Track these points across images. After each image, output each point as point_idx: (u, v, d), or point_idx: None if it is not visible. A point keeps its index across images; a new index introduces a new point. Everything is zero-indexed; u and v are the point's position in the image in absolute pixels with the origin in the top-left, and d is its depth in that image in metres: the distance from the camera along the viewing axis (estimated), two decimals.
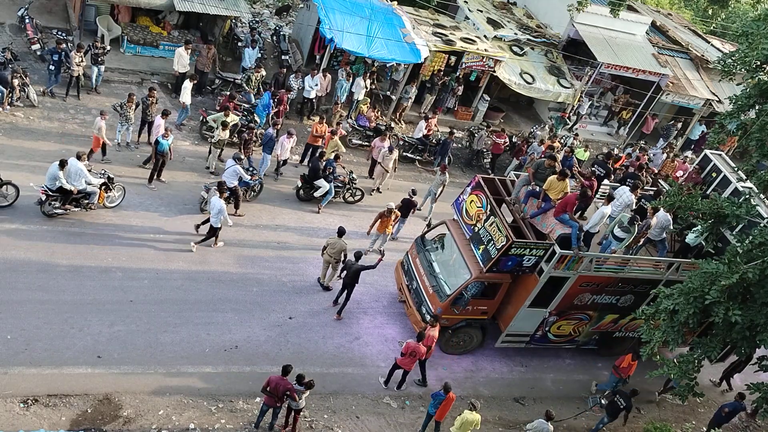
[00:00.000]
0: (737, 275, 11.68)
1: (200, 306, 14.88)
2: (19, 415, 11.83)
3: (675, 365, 13.29)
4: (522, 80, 24.37)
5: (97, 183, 15.74)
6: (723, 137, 15.81)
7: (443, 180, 19.25)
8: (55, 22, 21.69)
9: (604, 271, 15.17)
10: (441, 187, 19.39)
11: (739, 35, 14.38)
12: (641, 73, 25.92)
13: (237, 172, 17.09)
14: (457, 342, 15.99)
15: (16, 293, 13.67)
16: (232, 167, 17.06)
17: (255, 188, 18.38)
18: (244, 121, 19.81)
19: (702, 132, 27.38)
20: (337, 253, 15.71)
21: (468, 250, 15.24)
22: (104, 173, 16.06)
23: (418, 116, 23.65)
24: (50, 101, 19.07)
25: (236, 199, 17.39)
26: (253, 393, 13.47)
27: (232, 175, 17.04)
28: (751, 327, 12.57)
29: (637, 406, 16.59)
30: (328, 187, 18.72)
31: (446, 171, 19.35)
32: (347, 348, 15.32)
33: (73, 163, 15.25)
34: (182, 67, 20.45)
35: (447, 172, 19.38)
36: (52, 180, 15.11)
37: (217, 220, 15.90)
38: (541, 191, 15.36)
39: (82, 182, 15.36)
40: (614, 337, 17.02)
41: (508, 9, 28.03)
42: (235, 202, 17.42)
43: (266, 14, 27.53)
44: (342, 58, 23.11)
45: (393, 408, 14.50)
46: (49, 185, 15.14)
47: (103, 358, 13.15)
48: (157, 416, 12.65)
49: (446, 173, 19.30)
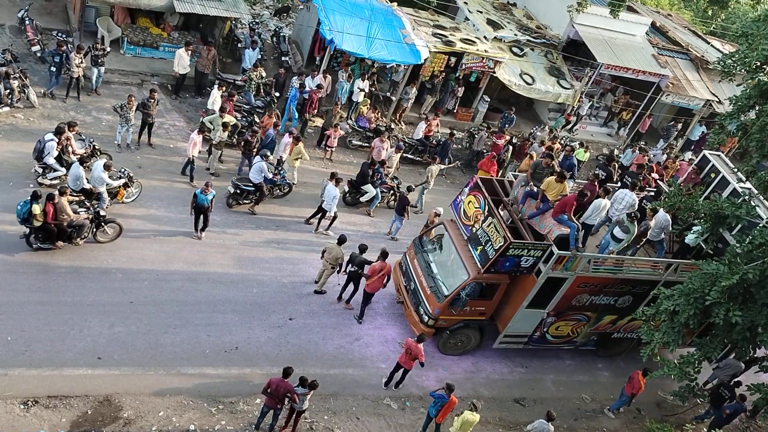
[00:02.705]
0: (737, 276, 11.69)
1: (200, 307, 14.88)
2: (20, 417, 11.83)
3: (675, 366, 13.30)
4: (522, 81, 24.38)
5: (118, 184, 15.97)
6: (723, 138, 15.84)
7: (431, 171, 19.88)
8: (55, 24, 21.71)
9: (603, 272, 15.17)
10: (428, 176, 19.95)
11: (739, 36, 14.39)
12: (641, 73, 25.94)
13: (262, 170, 17.45)
14: (455, 343, 15.98)
15: (16, 294, 13.67)
16: (259, 164, 17.47)
17: (282, 188, 18.66)
18: (245, 122, 19.84)
19: (702, 133, 27.39)
20: (333, 260, 15.73)
21: (466, 251, 15.25)
22: (124, 172, 16.31)
23: (419, 117, 23.66)
24: (50, 102, 19.08)
25: (259, 197, 17.76)
26: (253, 394, 13.47)
27: (258, 171, 17.46)
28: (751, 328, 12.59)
29: (637, 407, 16.62)
30: (375, 192, 18.89)
31: (436, 163, 19.90)
32: (347, 349, 15.32)
33: (97, 166, 15.48)
34: (182, 69, 20.48)
35: (437, 165, 19.95)
36: (75, 180, 15.22)
37: (332, 206, 17.38)
38: (539, 192, 15.35)
39: (103, 186, 15.58)
40: (613, 338, 17.02)
41: (508, 10, 28.04)
42: (257, 199, 17.81)
43: (266, 15, 27.55)
44: (342, 59, 23.12)
45: (393, 409, 14.50)
46: (72, 186, 15.24)
47: (103, 360, 13.15)
48: (157, 417, 12.64)
49: (436, 165, 19.87)
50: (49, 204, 14.06)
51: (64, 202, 14.24)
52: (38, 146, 15.72)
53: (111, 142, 18.11)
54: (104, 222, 15.25)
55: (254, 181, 17.56)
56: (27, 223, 14.15)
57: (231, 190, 17.61)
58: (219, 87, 19.59)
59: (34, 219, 13.98)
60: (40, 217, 13.99)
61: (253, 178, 17.58)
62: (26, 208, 13.98)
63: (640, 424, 16.28)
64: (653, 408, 17.01)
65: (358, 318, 15.96)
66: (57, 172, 16.02)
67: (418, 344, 14.02)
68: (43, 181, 15.96)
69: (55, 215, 14.17)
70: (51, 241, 14.59)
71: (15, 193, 15.74)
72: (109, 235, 15.52)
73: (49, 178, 16.05)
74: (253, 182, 17.57)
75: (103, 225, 15.27)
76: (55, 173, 16.05)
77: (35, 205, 13.88)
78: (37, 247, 14.61)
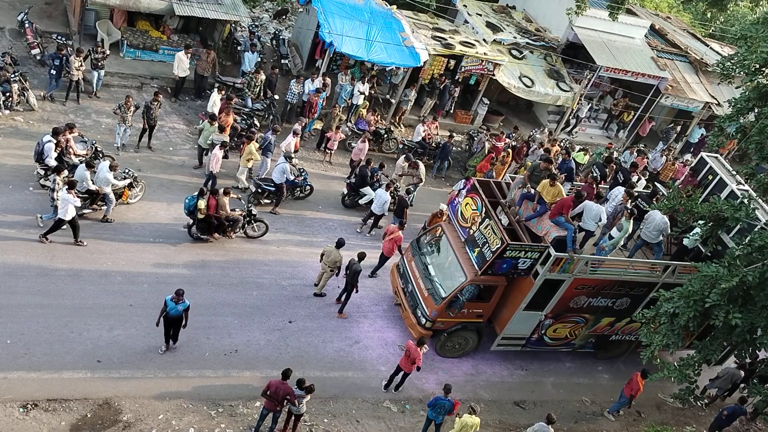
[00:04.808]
0: (737, 278, 11.70)
1: (200, 310, 14.84)
2: (19, 420, 11.82)
3: (675, 369, 13.30)
4: (521, 84, 24.40)
5: (123, 185, 16.08)
6: (722, 140, 15.85)
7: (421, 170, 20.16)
8: (54, 27, 21.72)
9: (600, 274, 15.17)
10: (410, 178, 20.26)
11: (738, 38, 14.42)
12: (640, 76, 25.96)
13: (285, 170, 17.63)
14: (452, 345, 15.97)
15: (15, 297, 13.66)
16: (282, 164, 17.66)
17: (304, 189, 18.81)
18: (244, 125, 19.84)
19: (701, 135, 27.41)
20: (331, 263, 15.73)
21: (463, 253, 15.25)
22: (129, 173, 16.47)
23: (418, 120, 23.68)
24: (50, 105, 19.09)
25: (278, 197, 17.91)
26: (253, 397, 13.46)
27: (281, 172, 17.66)
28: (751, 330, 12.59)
29: (637, 409, 16.61)
30: (374, 195, 18.96)
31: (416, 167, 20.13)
32: (347, 352, 15.31)
33: (103, 167, 15.61)
34: (182, 72, 20.51)
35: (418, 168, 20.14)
36: (80, 182, 15.33)
37: (382, 210, 18.14)
38: (536, 194, 15.35)
39: (108, 187, 15.72)
40: (611, 341, 17.01)
41: (507, 13, 28.06)
42: (277, 199, 18.00)
43: (266, 18, 27.58)
44: (341, 62, 23.15)
45: (393, 412, 14.48)
46: (77, 187, 15.29)
47: (102, 363, 13.14)
48: (156, 421, 12.63)
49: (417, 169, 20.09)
50: (212, 198, 15.83)
51: (224, 199, 16.07)
52: (37, 148, 15.79)
53: (111, 144, 18.09)
54: (254, 220, 16.92)
55: (276, 182, 17.79)
56: (192, 215, 15.92)
57: (252, 189, 17.86)
58: (218, 90, 19.60)
59: (198, 212, 15.72)
60: (203, 211, 15.72)
61: (275, 178, 17.81)
62: (193, 202, 15.80)
63: (640, 427, 16.27)
64: (653, 410, 16.99)
65: (369, 275, 16.97)
66: None
67: (418, 348, 14.01)
68: (45, 182, 15.98)
69: (216, 209, 15.95)
70: (209, 233, 16.34)
71: (14, 196, 15.78)
72: (257, 231, 17.13)
73: (50, 179, 16.05)
74: (275, 182, 17.78)
75: (253, 222, 16.96)
76: None
77: (201, 200, 15.64)
78: (197, 238, 16.36)
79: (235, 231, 16.71)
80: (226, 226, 16.38)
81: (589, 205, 15.35)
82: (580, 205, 15.32)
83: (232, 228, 16.56)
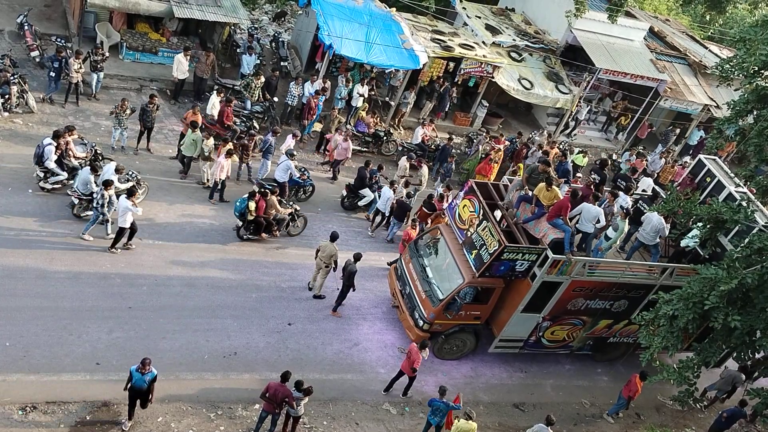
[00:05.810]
0: (736, 280, 11.72)
1: (199, 312, 14.87)
2: (18, 422, 11.81)
3: (674, 371, 13.31)
4: (520, 86, 24.43)
5: (127, 187, 15.97)
6: (721, 142, 15.87)
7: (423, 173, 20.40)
8: (54, 29, 21.72)
9: (598, 276, 15.17)
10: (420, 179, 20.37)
11: (737, 41, 14.45)
12: (639, 78, 25.98)
13: (289, 168, 17.64)
14: (450, 347, 15.96)
15: (14, 300, 13.65)
16: (285, 162, 17.69)
17: (306, 189, 18.85)
18: (243, 127, 19.84)
19: (700, 137, 27.43)
20: (327, 257, 15.71)
21: (461, 255, 15.26)
22: (132, 174, 16.47)
23: (417, 122, 23.70)
24: (49, 108, 19.09)
25: (282, 195, 17.84)
26: (252, 400, 13.45)
27: (284, 170, 17.68)
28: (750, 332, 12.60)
29: (637, 411, 16.61)
30: (373, 196, 18.98)
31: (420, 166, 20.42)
32: (346, 354, 15.30)
33: (108, 169, 15.62)
34: (181, 74, 20.51)
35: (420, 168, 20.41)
36: (84, 185, 15.34)
37: (386, 206, 18.41)
38: (533, 196, 15.35)
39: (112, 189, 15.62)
40: (609, 343, 17.00)
41: (507, 15, 28.10)
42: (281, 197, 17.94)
43: (265, 21, 27.60)
44: (341, 65, 23.15)
45: (392, 414, 14.47)
46: (81, 189, 15.35)
47: (101, 365, 13.12)
48: (155, 423, 12.62)
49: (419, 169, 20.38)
50: (261, 200, 16.39)
51: (273, 199, 16.68)
52: (37, 151, 15.79)
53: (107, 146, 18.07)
54: (297, 216, 17.39)
55: (279, 180, 17.76)
56: (242, 217, 16.45)
57: (255, 189, 17.54)
58: (218, 92, 19.60)
59: (248, 213, 16.27)
60: (254, 212, 16.32)
61: (278, 177, 17.79)
62: (244, 204, 16.39)
63: (639, 429, 16.27)
64: (653, 412, 16.99)
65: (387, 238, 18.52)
66: (58, 176, 16.07)
67: (419, 351, 14.01)
68: (45, 185, 15.99)
69: (265, 210, 16.56)
70: (258, 233, 16.89)
71: (13, 198, 15.77)
72: (299, 227, 17.69)
73: (50, 182, 16.07)
74: (278, 181, 17.75)
75: (295, 219, 17.41)
76: (56, 177, 16.09)
77: (251, 201, 16.20)
78: (246, 238, 16.89)
79: (280, 230, 17.20)
80: (273, 225, 16.90)
81: (588, 207, 15.36)
82: (578, 207, 15.33)
83: (278, 226, 17.09)
